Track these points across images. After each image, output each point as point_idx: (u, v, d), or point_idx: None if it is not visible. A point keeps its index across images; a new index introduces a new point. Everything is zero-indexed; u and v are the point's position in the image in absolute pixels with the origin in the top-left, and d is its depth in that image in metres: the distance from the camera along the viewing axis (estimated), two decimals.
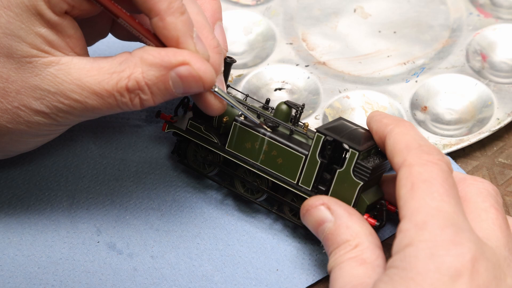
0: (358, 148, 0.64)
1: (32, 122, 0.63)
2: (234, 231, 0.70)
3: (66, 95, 0.62)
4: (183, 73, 0.62)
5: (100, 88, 0.62)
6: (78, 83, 0.62)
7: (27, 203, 0.71)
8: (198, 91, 0.63)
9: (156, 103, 0.63)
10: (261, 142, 0.68)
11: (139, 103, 0.63)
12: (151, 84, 0.62)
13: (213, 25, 0.69)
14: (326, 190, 0.66)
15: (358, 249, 0.62)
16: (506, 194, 0.74)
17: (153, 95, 0.62)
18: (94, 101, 0.62)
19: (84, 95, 0.62)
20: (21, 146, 0.67)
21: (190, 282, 0.67)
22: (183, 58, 0.62)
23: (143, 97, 0.62)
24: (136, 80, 0.62)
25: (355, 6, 0.86)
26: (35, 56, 0.62)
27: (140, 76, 0.62)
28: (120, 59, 0.62)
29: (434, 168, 0.59)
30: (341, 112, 0.78)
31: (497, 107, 0.77)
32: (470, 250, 0.56)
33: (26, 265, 0.68)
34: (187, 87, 0.62)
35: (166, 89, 0.62)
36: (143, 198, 0.72)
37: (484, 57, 0.82)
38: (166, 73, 0.62)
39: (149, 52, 0.62)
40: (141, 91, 0.62)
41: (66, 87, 0.62)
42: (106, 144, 0.75)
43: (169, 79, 0.62)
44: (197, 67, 0.62)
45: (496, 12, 0.85)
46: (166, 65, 0.62)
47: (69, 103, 0.62)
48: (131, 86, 0.62)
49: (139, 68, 0.62)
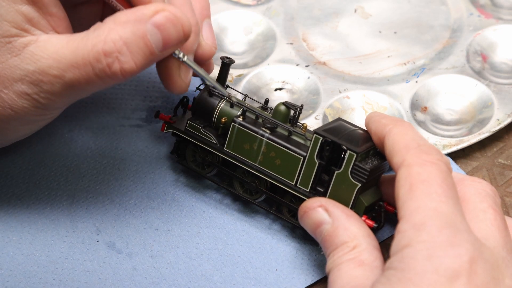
0: (356, 149, 0.64)
1: (17, 106, 0.62)
2: (233, 231, 0.71)
3: (45, 72, 0.61)
4: (160, 20, 0.60)
5: (75, 58, 0.60)
6: (54, 57, 0.60)
7: (27, 202, 0.71)
8: (178, 39, 0.61)
9: (138, 66, 0.61)
10: (260, 143, 0.68)
11: (119, 69, 0.60)
12: (129, 42, 0.60)
13: (201, 22, 0.68)
14: (324, 191, 0.66)
15: (356, 250, 0.62)
16: (506, 195, 0.74)
17: (132, 55, 0.60)
18: (71, 73, 0.60)
19: (61, 68, 0.60)
20: (11, 134, 0.66)
21: (189, 282, 0.67)
22: (155, 7, 0.60)
23: (122, 59, 0.60)
24: (112, 41, 0.60)
25: (355, 6, 0.86)
26: (14, 36, 0.61)
27: (116, 36, 0.60)
28: (94, 27, 0.61)
29: (433, 168, 0.59)
30: (341, 112, 0.78)
31: (497, 108, 0.77)
32: (468, 251, 0.56)
33: (25, 264, 0.68)
34: (166, 37, 0.61)
35: (146, 45, 0.60)
36: (143, 198, 0.72)
37: (485, 58, 0.82)
38: (143, 27, 0.60)
39: (122, 13, 0.61)
40: (119, 53, 0.60)
41: (44, 63, 0.61)
42: (106, 144, 0.75)
43: (146, 33, 0.60)
44: (173, 11, 0.60)
45: (496, 13, 0.85)
46: (140, 18, 0.60)
47: (49, 79, 0.61)
48: (107, 49, 0.60)
49: (114, 30, 0.60)
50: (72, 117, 0.77)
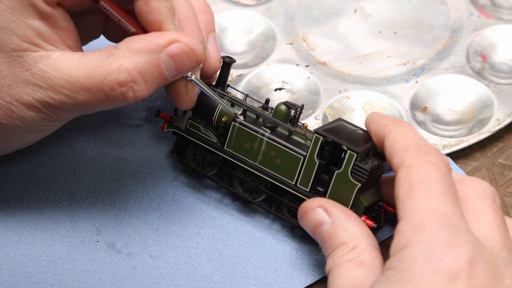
0: (356, 149, 0.64)
1: (26, 117, 0.63)
2: (233, 231, 0.71)
3: (56, 91, 0.61)
4: (174, 51, 0.61)
5: (89, 83, 0.61)
6: (67, 78, 0.61)
7: (27, 202, 0.71)
8: (191, 67, 0.62)
9: (150, 92, 0.61)
10: (260, 142, 0.68)
11: (132, 96, 0.61)
12: (143, 71, 0.60)
13: (206, 36, 0.68)
14: (324, 191, 0.66)
15: (356, 251, 0.62)
16: (505, 195, 0.74)
17: (146, 84, 0.61)
18: (83, 96, 0.61)
19: (73, 90, 0.61)
20: (16, 142, 0.66)
21: (189, 282, 0.68)
22: (170, 37, 0.61)
23: (136, 88, 0.61)
24: (128, 71, 0.60)
25: (355, 6, 0.86)
26: (26, 50, 0.61)
27: (131, 65, 0.60)
28: (106, 52, 0.61)
29: (432, 168, 0.59)
30: (341, 113, 0.78)
31: (497, 108, 0.77)
32: (468, 251, 0.56)
33: (25, 264, 0.68)
34: (180, 66, 0.61)
35: (159, 73, 0.61)
36: (143, 198, 0.72)
37: (485, 58, 0.82)
38: (157, 57, 0.60)
39: (135, 40, 0.61)
40: (134, 83, 0.61)
41: (56, 83, 0.61)
42: (106, 144, 0.75)
43: (161, 62, 0.61)
44: (187, 41, 0.61)
45: (496, 13, 0.85)
46: (155, 48, 0.60)
47: (59, 98, 0.61)
48: (122, 79, 0.60)
49: (128, 59, 0.60)
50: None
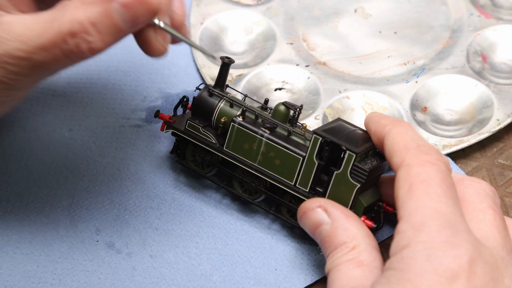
0: (356, 150, 0.64)
1: None
2: (233, 231, 0.71)
3: (11, 54, 0.59)
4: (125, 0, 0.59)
5: (43, 39, 0.59)
6: (21, 39, 0.59)
7: (26, 200, 0.71)
8: (146, 17, 0.60)
9: (107, 43, 0.59)
10: (259, 143, 0.68)
11: (87, 48, 0.59)
12: (96, 21, 0.58)
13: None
14: (323, 191, 0.66)
15: (355, 251, 0.62)
16: (505, 195, 0.74)
17: (100, 34, 0.59)
18: (40, 55, 0.59)
19: (28, 50, 0.59)
20: None
21: (189, 281, 0.68)
22: None
23: (90, 38, 0.59)
24: (78, 21, 0.58)
25: (355, 6, 0.86)
26: None
27: (82, 16, 0.58)
28: (59, 6, 0.60)
29: (432, 168, 0.59)
30: (341, 113, 0.78)
31: (497, 108, 0.77)
32: (468, 252, 0.56)
33: (24, 263, 0.68)
34: (134, 16, 0.59)
35: (113, 24, 0.59)
36: (142, 198, 0.72)
37: (485, 58, 0.82)
38: (109, 6, 0.58)
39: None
40: (86, 33, 0.59)
41: (11, 46, 0.59)
42: (106, 144, 0.75)
43: (113, 12, 0.59)
44: None
45: (496, 13, 0.85)
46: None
47: (16, 62, 0.60)
48: (74, 29, 0.58)
49: (80, 9, 0.59)
50: (72, 117, 0.77)
